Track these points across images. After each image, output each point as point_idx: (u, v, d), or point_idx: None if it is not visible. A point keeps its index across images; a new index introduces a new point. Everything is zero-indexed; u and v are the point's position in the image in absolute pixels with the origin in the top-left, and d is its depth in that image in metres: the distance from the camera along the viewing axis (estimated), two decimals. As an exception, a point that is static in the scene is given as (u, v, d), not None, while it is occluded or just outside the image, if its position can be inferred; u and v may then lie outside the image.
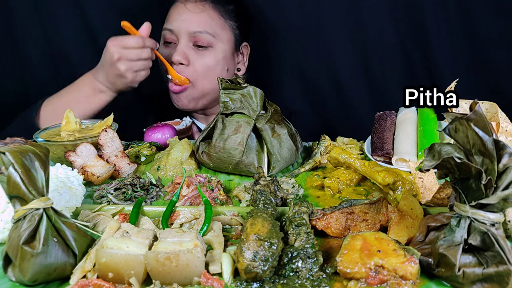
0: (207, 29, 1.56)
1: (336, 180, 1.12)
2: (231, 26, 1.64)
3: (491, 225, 0.71)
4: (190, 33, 1.56)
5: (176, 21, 1.58)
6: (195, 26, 1.56)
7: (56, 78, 1.94)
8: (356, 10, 1.83)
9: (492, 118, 1.08)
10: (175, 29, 1.57)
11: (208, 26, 1.57)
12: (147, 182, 1.12)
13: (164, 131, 1.44)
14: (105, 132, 1.19)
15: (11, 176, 0.73)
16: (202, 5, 1.59)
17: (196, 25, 1.56)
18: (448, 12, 1.79)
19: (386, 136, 1.24)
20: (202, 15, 1.57)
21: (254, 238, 0.75)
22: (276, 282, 0.74)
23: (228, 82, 1.21)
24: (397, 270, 0.72)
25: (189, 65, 1.58)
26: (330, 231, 0.88)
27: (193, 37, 1.56)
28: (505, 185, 0.69)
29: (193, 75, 1.59)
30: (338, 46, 1.89)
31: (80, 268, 0.75)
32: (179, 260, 0.72)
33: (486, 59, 1.82)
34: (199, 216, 0.94)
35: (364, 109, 1.94)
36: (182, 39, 1.57)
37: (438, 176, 0.79)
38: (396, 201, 1.02)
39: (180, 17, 1.58)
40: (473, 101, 0.72)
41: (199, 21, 1.57)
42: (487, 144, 0.69)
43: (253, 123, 1.18)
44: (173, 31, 1.58)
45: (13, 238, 0.74)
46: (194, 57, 1.58)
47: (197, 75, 1.58)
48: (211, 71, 1.59)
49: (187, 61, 1.57)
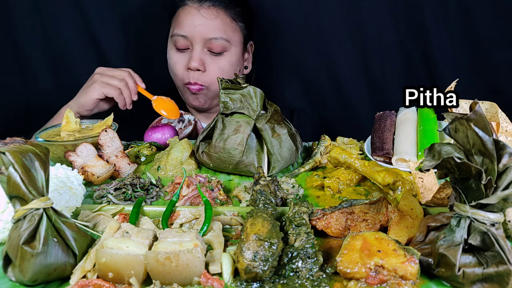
0: (222, 35, 1.56)
1: (336, 180, 1.12)
2: (241, 28, 1.65)
3: (491, 225, 0.71)
4: (206, 39, 1.55)
5: (189, 27, 1.56)
6: (210, 33, 1.55)
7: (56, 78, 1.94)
8: (356, 10, 1.84)
9: (492, 118, 1.08)
10: (190, 35, 1.56)
11: (223, 31, 1.57)
12: (147, 182, 1.12)
13: (164, 131, 1.44)
14: (105, 132, 1.19)
15: (11, 176, 0.73)
16: (216, 10, 1.57)
17: (211, 31, 1.55)
18: (448, 12, 1.79)
19: (386, 136, 1.24)
20: (216, 21, 1.56)
21: (254, 238, 0.75)
22: (276, 282, 0.74)
23: (228, 82, 1.21)
24: (397, 270, 0.72)
25: (205, 71, 1.58)
26: (330, 231, 0.88)
27: (209, 43, 1.56)
28: (505, 185, 0.69)
29: (208, 80, 1.60)
30: (338, 46, 1.89)
31: (80, 268, 0.75)
32: (179, 260, 0.72)
33: (486, 59, 1.82)
34: (199, 216, 0.94)
35: (364, 109, 1.94)
36: (197, 45, 1.56)
37: (438, 176, 0.79)
38: (396, 201, 1.02)
39: (194, 23, 1.56)
40: (473, 101, 0.72)
41: (214, 27, 1.56)
42: (487, 144, 0.69)
43: (253, 123, 1.18)
44: (187, 37, 1.56)
45: (13, 238, 0.74)
46: (209, 63, 1.59)
47: (212, 80, 1.59)
48: (226, 74, 1.59)
49: (203, 67, 1.57)
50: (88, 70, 1.56)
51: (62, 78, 1.93)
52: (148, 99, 1.52)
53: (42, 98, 1.92)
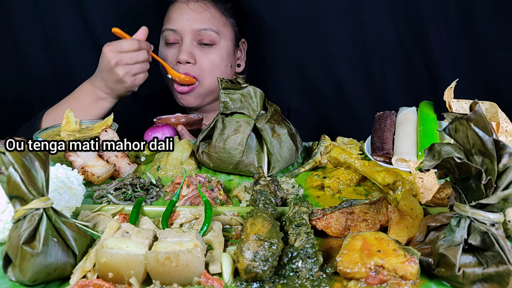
0: (211, 26, 1.59)
1: (336, 180, 1.12)
2: (231, 23, 1.67)
3: (491, 225, 0.71)
4: (195, 31, 1.58)
5: (178, 21, 1.59)
6: (199, 24, 1.58)
7: (56, 78, 1.94)
8: (356, 10, 1.84)
9: (492, 118, 1.08)
10: (179, 29, 1.59)
11: (212, 23, 1.59)
12: (147, 182, 1.12)
13: (164, 131, 1.44)
14: (105, 132, 1.19)
15: (11, 176, 0.73)
16: (204, 4, 1.61)
17: (200, 23, 1.58)
18: (448, 12, 1.79)
19: (386, 136, 1.24)
20: (205, 13, 1.60)
21: (254, 238, 0.75)
22: (276, 282, 0.74)
23: (228, 82, 1.21)
24: (397, 270, 0.72)
25: (195, 64, 1.60)
26: (330, 231, 0.88)
27: (198, 35, 1.58)
28: (505, 185, 0.69)
29: (199, 73, 1.61)
30: (338, 46, 1.90)
31: (80, 268, 0.75)
32: (179, 260, 0.72)
33: (486, 59, 1.82)
34: (199, 216, 0.94)
35: (364, 109, 1.94)
36: (186, 38, 1.59)
37: (438, 176, 0.79)
38: (396, 201, 1.02)
39: (183, 17, 1.59)
40: (473, 101, 0.72)
41: (202, 19, 1.59)
42: (487, 144, 0.69)
43: (253, 123, 1.18)
44: (177, 30, 1.59)
45: (13, 238, 0.74)
46: (199, 55, 1.60)
47: (203, 73, 1.61)
48: (217, 68, 1.62)
49: (193, 59, 1.59)
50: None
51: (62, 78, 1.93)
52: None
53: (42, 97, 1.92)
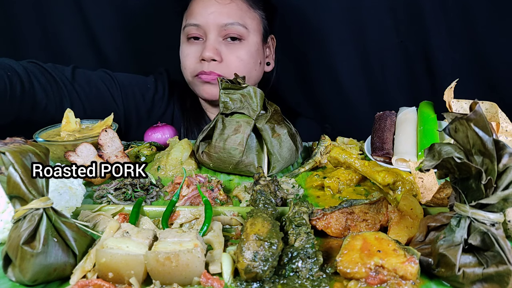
0: (238, 20, 1.45)
1: (336, 180, 1.12)
2: (260, 16, 1.53)
3: (491, 225, 0.71)
4: (221, 26, 1.44)
5: (202, 15, 1.45)
6: (225, 18, 1.44)
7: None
8: (356, 10, 1.84)
9: (492, 118, 1.08)
10: (203, 24, 1.45)
11: (239, 16, 1.46)
12: (147, 182, 1.12)
13: (164, 131, 1.44)
14: (105, 132, 1.19)
15: (11, 176, 0.73)
16: None
17: (227, 16, 1.44)
18: (448, 12, 1.79)
19: (386, 136, 1.24)
20: (231, 6, 1.46)
21: (254, 238, 0.75)
22: (276, 282, 0.74)
23: (228, 82, 1.21)
24: (397, 270, 0.72)
25: (221, 62, 1.47)
26: (330, 231, 0.88)
27: (224, 30, 1.44)
28: (505, 185, 0.69)
29: (226, 71, 1.47)
30: (338, 46, 1.90)
31: (80, 268, 0.75)
32: (179, 260, 0.72)
33: (486, 59, 1.83)
34: (199, 216, 0.94)
35: (364, 109, 1.94)
36: (211, 34, 1.45)
37: (438, 176, 0.79)
38: (396, 201, 1.02)
39: (207, 11, 1.45)
40: (473, 101, 0.72)
41: (229, 12, 1.45)
42: (487, 144, 0.69)
43: (253, 123, 1.18)
44: (200, 25, 1.45)
45: (13, 238, 0.74)
46: (225, 52, 1.47)
47: (230, 71, 1.46)
48: (245, 65, 1.49)
49: (219, 57, 1.45)
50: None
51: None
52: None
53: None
